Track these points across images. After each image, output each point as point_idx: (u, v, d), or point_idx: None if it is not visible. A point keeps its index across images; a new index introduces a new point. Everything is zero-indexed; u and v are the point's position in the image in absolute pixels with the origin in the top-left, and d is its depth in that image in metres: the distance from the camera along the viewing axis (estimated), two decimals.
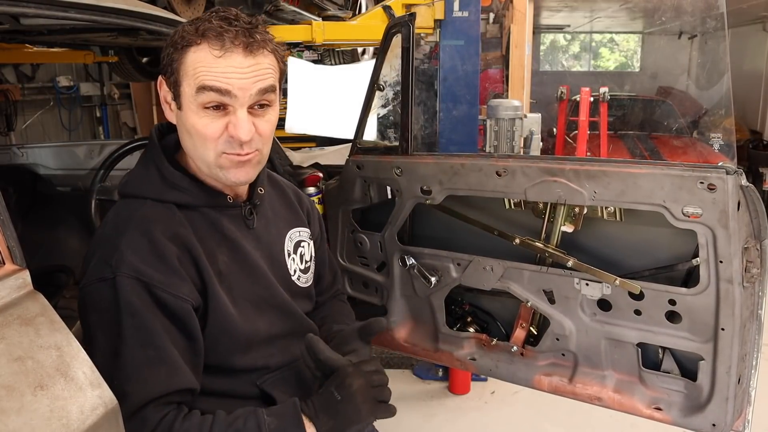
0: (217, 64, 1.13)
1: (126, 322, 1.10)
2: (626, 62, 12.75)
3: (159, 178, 1.24)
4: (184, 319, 1.16)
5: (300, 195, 1.56)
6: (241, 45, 1.13)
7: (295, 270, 1.42)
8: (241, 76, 1.13)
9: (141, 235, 1.16)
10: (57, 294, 2.59)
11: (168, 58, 1.18)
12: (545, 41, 12.45)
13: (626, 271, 1.65)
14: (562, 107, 6.63)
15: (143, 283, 1.12)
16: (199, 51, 1.14)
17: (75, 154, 2.87)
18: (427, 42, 3.99)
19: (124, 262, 1.12)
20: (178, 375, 1.13)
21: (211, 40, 1.13)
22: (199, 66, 1.13)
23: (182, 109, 1.18)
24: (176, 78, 1.17)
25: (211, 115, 1.16)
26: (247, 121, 1.16)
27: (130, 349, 1.09)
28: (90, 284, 1.14)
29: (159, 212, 1.21)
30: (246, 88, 1.14)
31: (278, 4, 3.37)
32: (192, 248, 1.20)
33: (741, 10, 8.02)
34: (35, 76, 5.84)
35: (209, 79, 1.13)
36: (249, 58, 1.14)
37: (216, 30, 1.12)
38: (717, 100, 7.52)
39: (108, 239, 1.18)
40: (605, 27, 12.10)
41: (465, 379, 3.44)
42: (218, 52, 1.12)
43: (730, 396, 1.50)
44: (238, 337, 1.24)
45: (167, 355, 1.12)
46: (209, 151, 1.18)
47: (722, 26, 7.12)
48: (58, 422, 0.82)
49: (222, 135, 1.17)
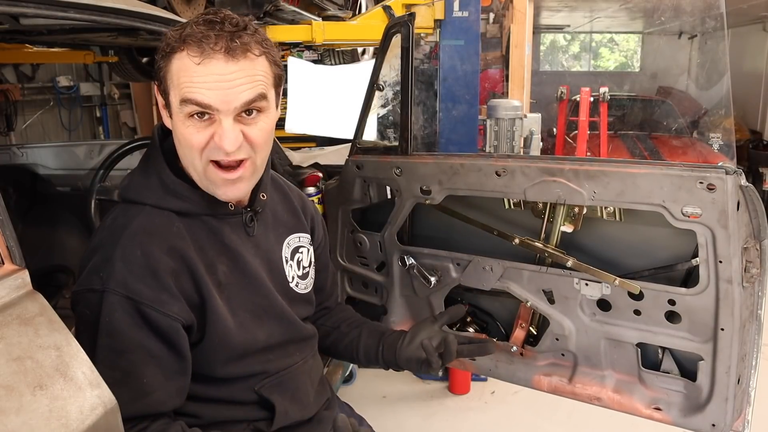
0: (197, 72, 1.08)
1: (100, 340, 1.09)
2: (626, 62, 12.75)
3: (159, 185, 1.21)
4: (172, 338, 1.13)
5: (305, 201, 1.53)
6: (222, 50, 1.07)
7: (293, 277, 1.40)
8: (222, 85, 1.08)
9: (136, 248, 1.13)
10: (56, 294, 2.60)
11: (156, 66, 1.15)
12: (545, 41, 12.45)
13: (626, 271, 1.64)
14: (562, 107, 6.63)
15: (132, 300, 1.10)
16: (182, 58, 1.09)
17: (75, 154, 2.87)
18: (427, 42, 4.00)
19: (114, 277, 1.10)
20: (141, 401, 1.10)
21: (191, 46, 1.08)
22: (182, 75, 1.09)
23: (172, 117, 1.15)
24: (164, 87, 1.14)
25: (197, 125, 1.11)
26: (232, 131, 1.10)
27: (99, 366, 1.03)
28: (81, 292, 1.13)
29: (157, 223, 1.18)
30: (228, 101, 1.09)
31: (278, 4, 3.37)
32: (189, 261, 1.17)
33: (741, 10, 8.02)
34: (35, 76, 5.84)
35: (190, 91, 1.08)
36: (231, 63, 1.08)
37: (196, 35, 1.07)
38: (717, 100, 7.52)
39: (103, 248, 1.16)
40: (605, 27, 12.10)
41: (465, 379, 3.45)
42: (197, 59, 1.07)
43: (730, 396, 1.50)
44: (236, 348, 1.22)
45: (135, 379, 1.09)
46: (197, 160, 1.15)
47: (722, 26, 7.13)
48: (57, 422, 0.82)
49: (208, 143, 1.12)
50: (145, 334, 1.11)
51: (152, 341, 1.12)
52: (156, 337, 1.12)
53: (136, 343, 1.11)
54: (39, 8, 1.29)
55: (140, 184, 1.23)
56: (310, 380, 1.39)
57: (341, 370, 2.22)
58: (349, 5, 4.79)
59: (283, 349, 1.33)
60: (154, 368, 1.12)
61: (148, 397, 1.11)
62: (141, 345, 1.11)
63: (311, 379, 1.40)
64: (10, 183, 2.84)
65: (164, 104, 1.18)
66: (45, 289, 0.97)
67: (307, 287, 1.45)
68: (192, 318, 1.17)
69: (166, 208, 1.20)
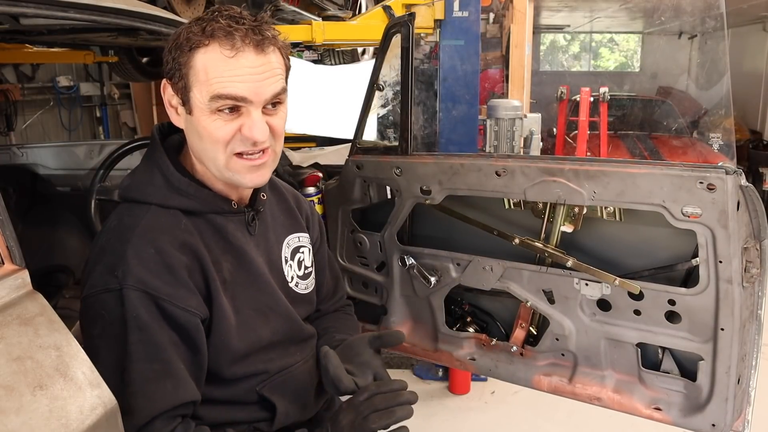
0: (229, 66, 1.09)
1: (133, 336, 1.08)
2: (626, 62, 12.75)
3: (164, 184, 1.20)
4: (191, 333, 1.14)
5: (299, 199, 1.53)
6: (252, 43, 1.10)
7: (292, 277, 1.40)
8: (254, 77, 1.11)
9: (148, 245, 1.13)
10: (56, 294, 2.60)
11: (174, 62, 1.13)
12: (545, 41, 12.45)
13: (626, 271, 1.65)
14: (562, 107, 6.63)
15: (151, 296, 1.10)
16: (209, 53, 1.10)
17: (75, 154, 2.87)
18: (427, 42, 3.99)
19: (130, 273, 1.10)
20: (182, 388, 1.11)
21: (221, 40, 1.09)
22: (211, 70, 1.10)
23: (193, 114, 1.14)
24: (185, 83, 1.13)
25: (225, 118, 1.12)
26: (262, 121, 1.14)
27: (137, 363, 1.07)
28: (94, 294, 1.11)
29: (165, 220, 1.18)
30: (260, 92, 1.12)
31: (278, 4, 3.37)
32: (201, 256, 1.18)
33: (741, 10, 8.02)
34: (35, 76, 5.84)
35: (223, 86, 1.09)
36: (261, 56, 1.11)
37: (225, 29, 1.09)
38: (717, 100, 7.52)
39: (113, 248, 1.14)
40: (605, 27, 12.10)
41: (465, 379, 3.45)
42: (229, 53, 1.09)
43: (730, 396, 1.50)
44: (238, 348, 1.22)
45: (173, 368, 1.11)
46: (220, 153, 1.15)
47: (722, 26, 7.12)
48: (57, 422, 0.82)
49: (234, 136, 1.14)
50: (167, 328, 1.12)
51: (173, 335, 1.12)
52: (176, 332, 1.13)
53: (164, 336, 1.11)
54: (39, 8, 1.29)
55: (144, 183, 1.23)
56: (310, 380, 1.39)
57: None
58: (349, 5, 4.80)
59: (285, 348, 1.34)
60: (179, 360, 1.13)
61: (189, 385, 1.12)
62: (168, 337, 1.12)
63: (311, 379, 1.40)
64: (10, 183, 2.84)
65: (179, 102, 1.17)
66: (45, 289, 0.97)
67: (308, 287, 1.44)
68: (207, 312, 1.18)
69: (171, 206, 1.20)
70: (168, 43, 1.16)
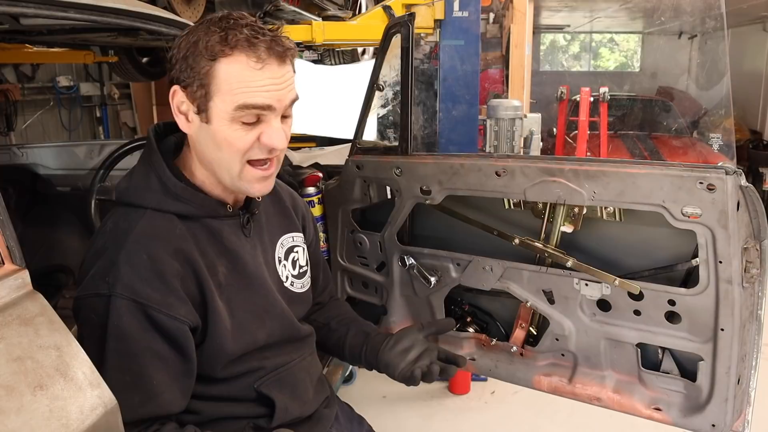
0: (256, 77, 1.11)
1: (109, 344, 1.09)
2: (626, 62, 12.75)
3: (160, 188, 1.20)
4: (180, 341, 1.14)
5: (295, 198, 1.53)
6: (275, 54, 1.12)
7: (287, 276, 1.40)
8: (277, 87, 1.13)
9: (140, 251, 1.13)
10: (56, 294, 2.60)
11: (191, 71, 1.12)
12: (545, 41, 12.44)
13: (626, 271, 1.65)
14: (562, 107, 6.63)
15: (139, 304, 1.10)
16: (233, 63, 1.11)
17: (75, 154, 2.87)
18: (427, 42, 3.99)
19: (120, 280, 1.10)
20: (153, 402, 1.11)
21: (247, 51, 1.10)
22: (235, 81, 1.11)
23: (211, 122, 1.14)
24: (206, 92, 1.12)
25: (246, 128, 1.14)
26: (281, 129, 1.16)
27: (110, 371, 1.07)
28: (85, 297, 1.13)
29: (160, 225, 1.18)
30: (282, 100, 1.15)
31: (278, 4, 3.37)
32: (194, 263, 1.18)
33: (741, 10, 8.02)
34: (35, 76, 5.84)
35: (250, 96, 1.11)
36: (282, 67, 1.14)
37: (248, 40, 1.10)
38: (717, 100, 7.52)
39: (106, 252, 1.15)
40: (605, 27, 12.10)
41: (465, 379, 3.45)
42: (256, 64, 1.10)
43: (730, 396, 1.50)
44: (233, 351, 1.23)
45: (145, 381, 1.10)
46: (235, 162, 1.16)
47: (722, 26, 7.13)
48: (57, 422, 0.82)
49: (253, 145, 1.16)
50: (154, 337, 1.12)
51: (160, 344, 1.12)
52: (164, 340, 1.12)
53: (145, 347, 1.11)
54: (39, 8, 1.29)
55: (140, 186, 1.22)
56: (309, 377, 1.40)
57: (341, 370, 2.22)
58: (349, 5, 4.80)
59: (280, 348, 1.34)
60: (163, 371, 1.13)
61: (158, 399, 1.12)
62: (149, 348, 1.12)
63: (310, 376, 1.41)
64: (10, 183, 2.84)
65: (194, 110, 1.15)
66: (45, 289, 0.97)
67: (304, 286, 1.45)
68: (198, 320, 1.17)
69: (167, 211, 1.20)
70: (180, 49, 1.14)
